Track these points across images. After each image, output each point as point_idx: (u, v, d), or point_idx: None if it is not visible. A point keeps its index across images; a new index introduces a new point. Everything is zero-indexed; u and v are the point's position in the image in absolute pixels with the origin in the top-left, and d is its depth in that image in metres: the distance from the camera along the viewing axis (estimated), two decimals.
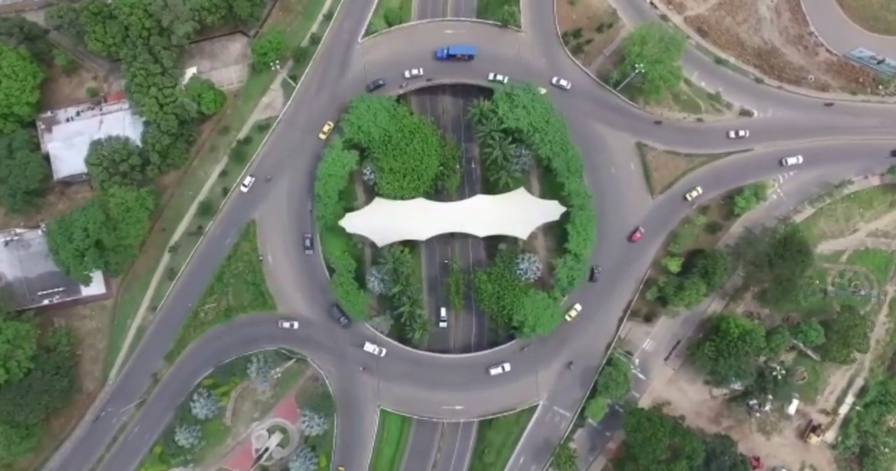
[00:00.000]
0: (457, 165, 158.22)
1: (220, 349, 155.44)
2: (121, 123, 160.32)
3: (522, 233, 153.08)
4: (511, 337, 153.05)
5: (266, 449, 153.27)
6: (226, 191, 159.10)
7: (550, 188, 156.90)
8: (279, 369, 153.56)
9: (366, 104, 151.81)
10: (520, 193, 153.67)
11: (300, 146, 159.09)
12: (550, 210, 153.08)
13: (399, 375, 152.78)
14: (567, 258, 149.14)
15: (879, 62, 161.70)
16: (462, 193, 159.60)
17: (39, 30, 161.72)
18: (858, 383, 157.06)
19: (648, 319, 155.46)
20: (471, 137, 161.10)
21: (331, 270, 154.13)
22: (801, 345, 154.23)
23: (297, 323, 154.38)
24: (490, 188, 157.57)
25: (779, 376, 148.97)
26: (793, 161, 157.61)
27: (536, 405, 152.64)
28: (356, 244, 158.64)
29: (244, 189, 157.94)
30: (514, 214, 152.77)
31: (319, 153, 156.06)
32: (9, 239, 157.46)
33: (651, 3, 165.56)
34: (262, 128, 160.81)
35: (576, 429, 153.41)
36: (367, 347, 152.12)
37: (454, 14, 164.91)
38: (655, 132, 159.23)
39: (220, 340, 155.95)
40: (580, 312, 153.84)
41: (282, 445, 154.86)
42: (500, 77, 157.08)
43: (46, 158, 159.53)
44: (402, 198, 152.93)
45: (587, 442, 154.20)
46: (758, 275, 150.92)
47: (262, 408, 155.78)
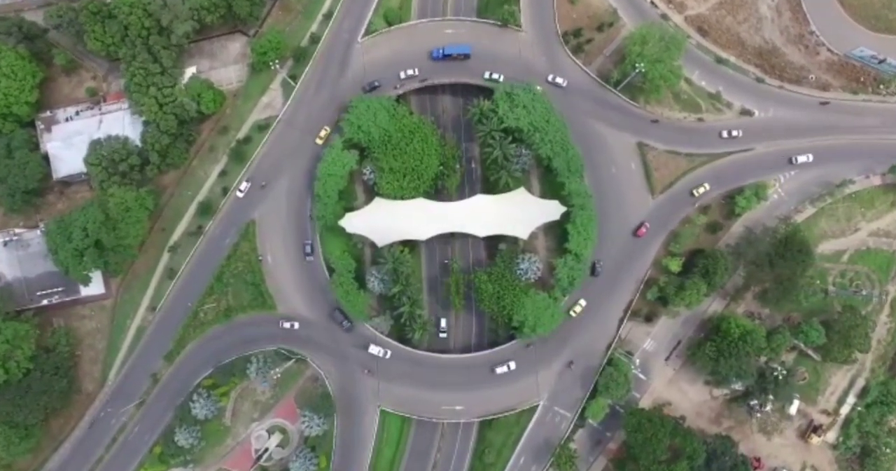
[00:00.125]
0: (457, 165, 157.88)
1: (220, 349, 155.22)
2: (120, 123, 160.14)
3: (523, 233, 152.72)
4: (511, 337, 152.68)
5: (266, 450, 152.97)
6: (225, 190, 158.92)
7: (551, 188, 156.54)
8: (279, 369, 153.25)
9: (365, 104, 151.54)
10: (520, 193, 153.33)
11: (300, 146, 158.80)
12: (551, 210, 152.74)
13: (399, 375, 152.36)
14: (567, 258, 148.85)
15: (881, 62, 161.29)
16: (462, 192, 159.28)
17: (38, 29, 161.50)
18: (860, 383, 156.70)
19: (649, 319, 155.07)
20: (471, 136, 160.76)
21: (330, 270, 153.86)
22: (802, 345, 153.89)
23: (298, 323, 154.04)
24: (490, 188, 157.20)
25: (780, 376, 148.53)
26: (803, 159, 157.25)
27: (537, 406, 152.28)
28: (356, 244, 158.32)
29: (240, 194, 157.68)
30: (515, 213, 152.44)
31: (319, 153, 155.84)
32: (8, 239, 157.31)
33: (651, 3, 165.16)
34: (262, 127, 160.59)
35: (576, 429, 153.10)
36: (372, 350, 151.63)
37: (454, 13, 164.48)
38: (656, 132, 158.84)
39: (220, 340, 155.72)
40: (585, 307, 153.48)
41: (281, 445, 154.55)
42: (496, 75, 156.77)
43: (45, 157, 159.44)
44: (402, 198, 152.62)
45: (587, 442, 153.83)
46: (759, 275, 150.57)
47: (262, 408, 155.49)
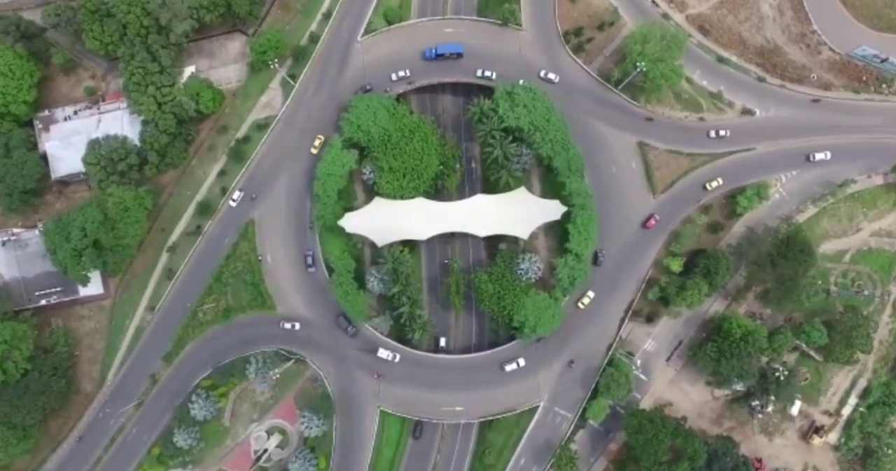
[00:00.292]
0: (457, 165, 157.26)
1: (219, 350, 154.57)
2: (119, 122, 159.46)
3: (523, 232, 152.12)
4: (512, 337, 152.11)
5: (265, 450, 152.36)
6: (224, 190, 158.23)
7: (551, 187, 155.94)
8: (278, 369, 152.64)
9: (365, 103, 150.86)
10: (520, 193, 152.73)
11: (299, 145, 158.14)
12: (551, 210, 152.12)
13: (403, 377, 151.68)
14: (568, 258, 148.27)
15: (883, 61, 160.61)
16: (462, 192, 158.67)
17: (36, 28, 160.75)
18: (861, 383, 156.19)
19: (650, 319, 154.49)
20: (471, 135, 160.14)
21: (330, 271, 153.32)
22: (804, 345, 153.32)
23: (299, 324, 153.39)
24: (490, 188, 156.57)
25: (781, 376, 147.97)
26: (820, 157, 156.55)
27: (537, 406, 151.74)
28: (356, 244, 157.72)
29: (233, 203, 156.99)
30: (515, 213, 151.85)
31: (318, 154, 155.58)
32: (6, 239, 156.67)
33: (652, 2, 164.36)
34: (261, 127, 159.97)
35: (577, 430, 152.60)
36: (381, 354, 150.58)
37: (454, 12, 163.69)
38: (657, 131, 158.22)
39: (219, 340, 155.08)
40: (593, 299, 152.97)
41: (281, 446, 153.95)
42: (489, 73, 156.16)
43: (44, 157, 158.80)
44: (402, 197, 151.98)
45: (588, 443, 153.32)
46: (760, 275, 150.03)
47: (261, 409, 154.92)
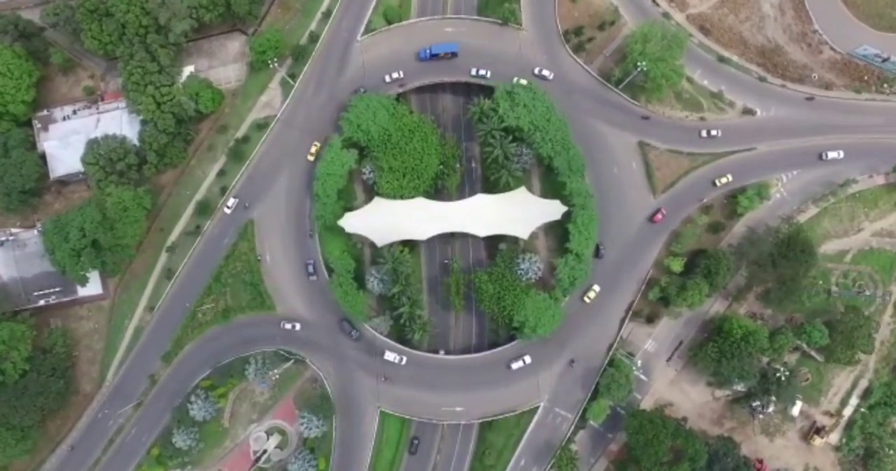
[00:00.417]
0: (457, 164, 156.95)
1: (218, 350, 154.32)
2: (118, 122, 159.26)
3: (523, 232, 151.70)
4: (512, 338, 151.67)
5: (264, 451, 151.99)
6: (224, 190, 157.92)
7: (552, 187, 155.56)
8: (277, 370, 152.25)
9: (365, 102, 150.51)
10: (520, 193, 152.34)
11: (299, 145, 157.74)
12: (551, 209, 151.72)
13: (406, 378, 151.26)
14: (568, 258, 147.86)
15: (884, 60, 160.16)
16: (462, 192, 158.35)
17: (35, 27, 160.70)
18: (863, 384, 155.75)
19: (650, 319, 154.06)
20: (471, 135, 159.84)
21: (330, 271, 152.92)
22: (805, 346, 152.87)
23: (299, 324, 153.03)
24: (490, 187, 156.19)
25: (782, 377, 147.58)
26: (833, 155, 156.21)
27: (537, 407, 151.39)
28: (355, 244, 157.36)
29: (227, 211, 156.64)
30: (515, 213, 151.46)
31: (317, 154, 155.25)
32: (4, 239, 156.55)
33: (653, 1, 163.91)
34: (261, 126, 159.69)
35: (577, 431, 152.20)
36: (388, 356, 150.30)
37: (454, 12, 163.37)
38: (656, 131, 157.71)
39: (219, 340, 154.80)
40: (599, 292, 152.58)
41: (280, 447, 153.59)
42: (483, 72, 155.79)
43: (43, 157, 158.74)
44: (402, 197, 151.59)
45: (588, 444, 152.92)
46: (761, 275, 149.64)
47: (261, 410, 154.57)
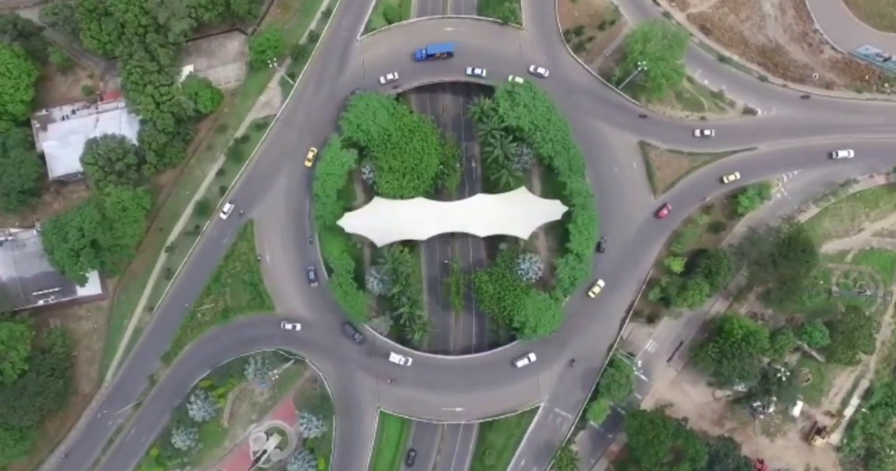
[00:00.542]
0: (457, 164, 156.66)
1: (218, 350, 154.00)
2: (117, 122, 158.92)
3: (523, 232, 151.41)
4: (512, 338, 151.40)
5: (264, 451, 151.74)
6: (223, 190, 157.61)
7: (552, 187, 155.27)
8: (277, 370, 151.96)
9: (364, 102, 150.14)
10: (521, 193, 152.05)
11: (298, 145, 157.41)
12: (552, 209, 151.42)
13: (408, 379, 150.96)
14: (569, 258, 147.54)
15: (885, 60, 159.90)
16: (462, 192, 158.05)
17: (34, 27, 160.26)
18: (864, 384, 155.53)
19: (651, 319, 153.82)
20: (471, 135, 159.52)
21: (329, 271, 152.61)
22: (806, 346, 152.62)
23: (299, 325, 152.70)
24: (491, 187, 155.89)
25: (783, 377, 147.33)
26: (843, 154, 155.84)
27: (538, 407, 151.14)
28: (355, 244, 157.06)
29: (223, 216, 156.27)
30: (515, 213, 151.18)
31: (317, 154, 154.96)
32: (3, 239, 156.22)
33: (653, 1, 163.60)
34: (260, 126, 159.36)
35: (577, 431, 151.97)
36: (393, 358, 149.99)
37: (454, 11, 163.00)
38: (656, 130, 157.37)
39: (218, 341, 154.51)
40: (603, 287, 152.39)
41: (280, 447, 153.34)
42: (479, 71, 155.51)
43: (41, 156, 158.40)
44: (402, 197, 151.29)
45: (589, 444, 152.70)
46: (762, 275, 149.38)
47: (260, 410, 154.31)
